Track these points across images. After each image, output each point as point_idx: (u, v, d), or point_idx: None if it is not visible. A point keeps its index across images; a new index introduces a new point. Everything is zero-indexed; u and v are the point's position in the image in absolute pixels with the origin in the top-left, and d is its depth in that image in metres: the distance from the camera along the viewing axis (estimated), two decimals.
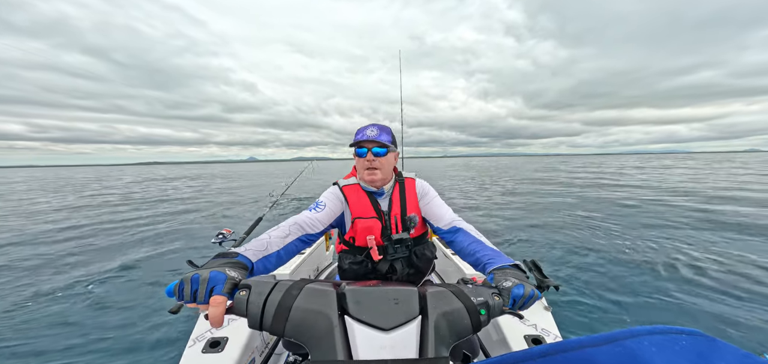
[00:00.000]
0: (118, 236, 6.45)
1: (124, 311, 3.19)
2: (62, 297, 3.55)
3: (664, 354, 0.27)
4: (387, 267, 1.27)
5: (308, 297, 0.65)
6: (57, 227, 7.43)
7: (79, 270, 4.42)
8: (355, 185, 1.33)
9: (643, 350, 0.27)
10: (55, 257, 5.09)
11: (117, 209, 10.37)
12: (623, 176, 20.33)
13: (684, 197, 10.31)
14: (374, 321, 0.62)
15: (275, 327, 0.62)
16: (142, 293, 3.67)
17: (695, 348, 0.28)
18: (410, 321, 0.64)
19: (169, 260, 4.94)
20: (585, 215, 7.97)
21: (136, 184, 18.01)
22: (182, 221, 8.11)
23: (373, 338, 0.60)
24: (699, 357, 0.27)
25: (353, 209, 1.29)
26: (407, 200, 1.33)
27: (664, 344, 0.28)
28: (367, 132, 1.25)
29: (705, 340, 0.29)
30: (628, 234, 5.95)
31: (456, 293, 0.71)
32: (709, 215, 7.43)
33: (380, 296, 0.67)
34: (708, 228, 6.21)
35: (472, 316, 0.68)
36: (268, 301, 0.64)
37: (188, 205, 11.21)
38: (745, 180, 16.27)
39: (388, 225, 1.28)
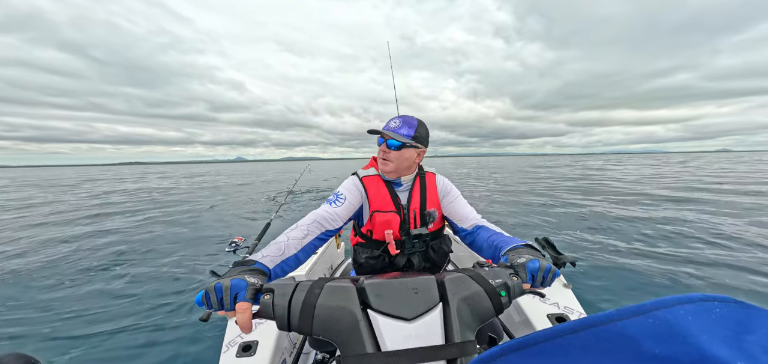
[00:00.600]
0: (120, 245, 6.58)
1: (150, 320, 3.28)
2: (79, 314, 3.65)
3: (700, 323, 0.26)
4: (404, 261, 1.27)
5: (330, 295, 0.66)
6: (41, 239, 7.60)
7: (95, 282, 4.54)
8: (376, 176, 1.30)
9: (677, 320, 0.26)
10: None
11: (116, 212, 10.58)
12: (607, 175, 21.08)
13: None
14: (397, 312, 0.63)
15: (303, 326, 0.63)
16: (168, 301, 3.76)
17: (731, 315, 0.27)
18: (432, 309, 0.65)
19: (184, 267, 5.04)
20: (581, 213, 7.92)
21: (138, 187, 17.92)
22: (186, 224, 8.24)
23: (398, 329, 0.61)
24: (737, 324, 0.26)
25: (373, 201, 1.26)
26: (427, 195, 1.30)
27: (699, 313, 0.27)
28: (390, 123, 1.23)
29: (739, 306, 0.28)
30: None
31: (474, 277, 0.72)
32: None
33: (399, 287, 0.68)
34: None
35: (492, 298, 0.68)
36: (293, 301, 0.65)
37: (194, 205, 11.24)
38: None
39: (407, 219, 1.26)
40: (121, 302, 3.91)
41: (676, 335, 0.25)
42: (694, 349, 0.24)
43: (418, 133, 1.23)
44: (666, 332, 0.26)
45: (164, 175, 31.96)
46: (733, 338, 0.24)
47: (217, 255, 5.63)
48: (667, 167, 30.12)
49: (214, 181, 25.20)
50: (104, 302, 3.95)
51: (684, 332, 0.25)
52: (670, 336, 0.25)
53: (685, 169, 27.16)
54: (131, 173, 48.66)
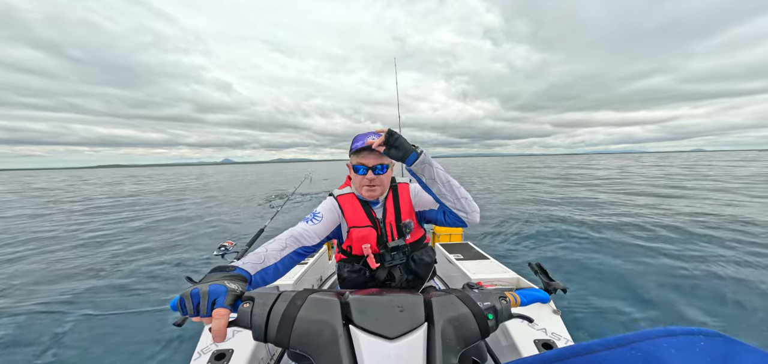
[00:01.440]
0: (114, 245, 6.46)
1: (126, 324, 3.17)
2: (54, 312, 3.53)
3: (683, 357, 0.25)
4: (385, 274, 1.27)
5: (312, 307, 0.64)
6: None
7: (75, 282, 4.42)
8: (350, 195, 1.33)
9: (660, 353, 0.26)
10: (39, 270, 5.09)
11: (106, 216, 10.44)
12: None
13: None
14: (379, 330, 0.61)
15: (280, 338, 0.61)
16: (142, 302, 3.65)
17: (715, 350, 0.27)
18: (416, 329, 0.62)
19: (166, 268, 4.93)
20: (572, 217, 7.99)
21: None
22: (173, 228, 8.13)
23: (378, 347, 0.58)
24: (719, 359, 0.25)
25: (348, 218, 1.28)
26: (401, 206, 1.32)
27: (683, 346, 0.27)
28: (368, 139, 1.15)
29: (724, 341, 0.28)
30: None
31: (462, 299, 0.70)
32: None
33: (385, 304, 0.66)
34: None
35: (479, 321, 0.67)
36: (272, 312, 0.63)
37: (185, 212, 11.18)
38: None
39: (384, 233, 1.28)
40: (95, 301, 3.80)
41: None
42: None
43: None
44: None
45: (149, 179, 31.33)
46: None
47: (206, 258, 5.53)
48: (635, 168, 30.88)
49: (202, 185, 24.70)
50: (76, 300, 3.83)
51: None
52: None
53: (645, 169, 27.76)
54: (111, 176, 47.13)
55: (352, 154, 1.22)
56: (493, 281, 1.94)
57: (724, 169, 23.70)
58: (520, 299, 0.82)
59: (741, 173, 19.97)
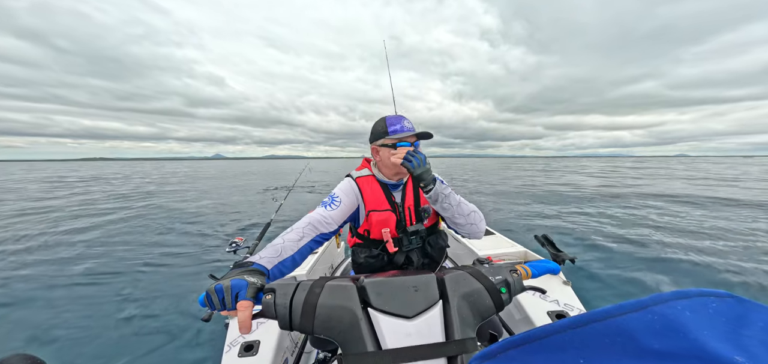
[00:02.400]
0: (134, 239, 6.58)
1: (151, 321, 3.28)
2: (80, 316, 3.65)
3: (698, 317, 0.26)
4: (403, 259, 1.28)
5: (331, 294, 0.67)
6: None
7: (103, 281, 4.54)
8: (369, 177, 1.31)
9: (676, 315, 0.27)
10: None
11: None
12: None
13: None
14: (397, 310, 0.63)
15: (304, 325, 0.64)
16: (168, 301, 3.77)
17: (727, 309, 0.27)
18: (432, 307, 0.65)
19: (184, 267, 5.04)
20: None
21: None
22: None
23: (398, 327, 0.61)
24: (733, 319, 0.26)
25: (368, 201, 1.28)
26: (421, 192, 1.30)
27: (696, 308, 0.28)
28: (406, 124, 1.22)
29: (735, 301, 0.29)
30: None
31: (474, 275, 0.72)
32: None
33: (399, 285, 0.68)
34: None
35: (493, 295, 0.69)
36: (294, 301, 0.66)
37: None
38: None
39: (403, 217, 1.28)
40: (122, 304, 3.91)
41: (675, 330, 0.25)
42: (692, 344, 0.24)
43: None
44: (664, 326, 0.26)
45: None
46: (729, 332, 0.25)
47: (217, 255, 5.63)
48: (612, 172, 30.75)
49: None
50: (104, 304, 3.95)
51: (682, 326, 0.25)
52: (668, 331, 0.26)
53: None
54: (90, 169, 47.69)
55: (390, 134, 1.20)
56: (501, 256, 1.96)
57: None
58: (531, 272, 0.84)
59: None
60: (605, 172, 27.84)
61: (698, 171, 27.34)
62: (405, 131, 1.20)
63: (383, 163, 1.27)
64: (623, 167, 38.30)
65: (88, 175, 31.13)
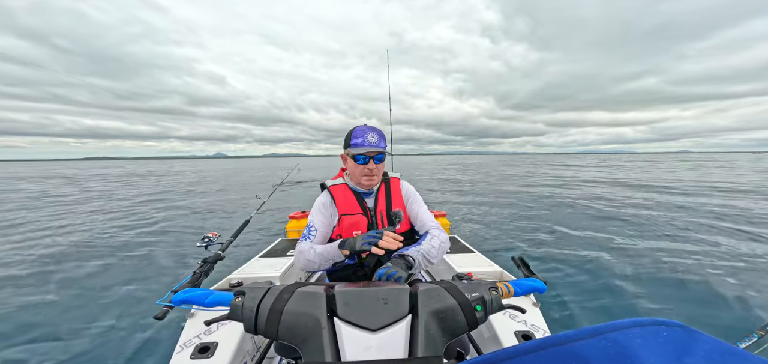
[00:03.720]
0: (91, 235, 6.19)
1: (101, 315, 3.07)
2: (30, 300, 3.37)
3: (647, 345, 0.28)
4: (374, 261, 1.31)
5: (299, 300, 0.65)
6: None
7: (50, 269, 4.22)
8: (343, 185, 1.39)
9: (628, 342, 0.28)
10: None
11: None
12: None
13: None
14: (362, 322, 0.62)
15: (268, 330, 0.62)
16: (122, 296, 3.54)
17: (676, 339, 0.29)
18: (399, 321, 0.63)
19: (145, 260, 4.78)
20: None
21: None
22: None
23: (360, 339, 0.60)
24: (680, 348, 0.28)
25: (340, 206, 1.35)
26: (393, 198, 1.39)
27: (647, 336, 0.29)
28: (368, 138, 1.24)
29: (683, 331, 0.31)
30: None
31: (449, 290, 0.70)
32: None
33: (369, 296, 0.67)
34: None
35: (466, 313, 0.67)
36: (262, 305, 0.64)
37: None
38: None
39: (374, 221, 1.34)
40: (74, 299, 3.65)
41: (626, 357, 0.26)
42: None
43: (385, 139, 1.35)
44: (617, 353, 0.27)
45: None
46: (673, 359, 0.26)
47: (186, 249, 5.39)
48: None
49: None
50: (55, 301, 3.68)
51: (632, 354, 0.27)
52: (620, 358, 0.27)
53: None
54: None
55: (352, 146, 1.26)
56: (477, 275, 1.99)
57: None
58: (514, 289, 0.82)
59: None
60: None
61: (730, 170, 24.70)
62: (365, 146, 1.23)
63: (350, 171, 1.35)
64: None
65: (143, 172, 30.30)
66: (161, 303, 0.68)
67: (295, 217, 4.01)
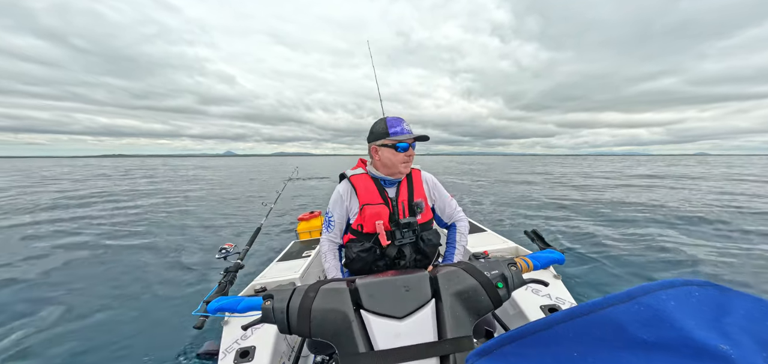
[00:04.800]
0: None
1: (143, 326, 3.17)
2: (67, 325, 3.49)
3: (682, 307, 0.27)
4: (395, 252, 1.30)
5: (325, 297, 0.67)
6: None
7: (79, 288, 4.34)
8: (363, 175, 1.40)
9: (661, 305, 0.28)
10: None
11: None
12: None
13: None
14: (388, 311, 0.63)
15: (301, 329, 0.64)
16: (158, 308, 3.64)
17: (710, 298, 0.29)
18: (424, 306, 0.64)
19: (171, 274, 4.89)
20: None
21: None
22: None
23: (389, 328, 0.61)
24: (715, 307, 0.28)
25: (361, 196, 1.35)
26: (414, 188, 1.39)
27: (680, 297, 0.29)
28: (406, 126, 1.32)
29: (716, 290, 0.30)
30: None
31: (468, 270, 0.70)
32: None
33: (391, 285, 0.68)
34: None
35: (489, 291, 0.67)
36: (291, 305, 0.66)
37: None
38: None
39: (396, 210, 1.33)
40: (116, 309, 3.76)
41: (661, 320, 0.26)
42: (678, 333, 0.25)
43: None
44: (651, 317, 0.27)
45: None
46: (713, 320, 0.26)
47: (208, 261, 5.49)
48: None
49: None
50: (93, 310, 3.80)
51: (668, 316, 0.26)
52: (655, 321, 0.27)
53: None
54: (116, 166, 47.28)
55: (391, 135, 1.31)
56: (493, 253, 1.99)
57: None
58: (533, 263, 0.80)
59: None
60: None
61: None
62: (404, 133, 1.30)
63: (382, 162, 1.35)
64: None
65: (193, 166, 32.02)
66: (197, 314, 0.71)
67: (304, 218, 4.04)
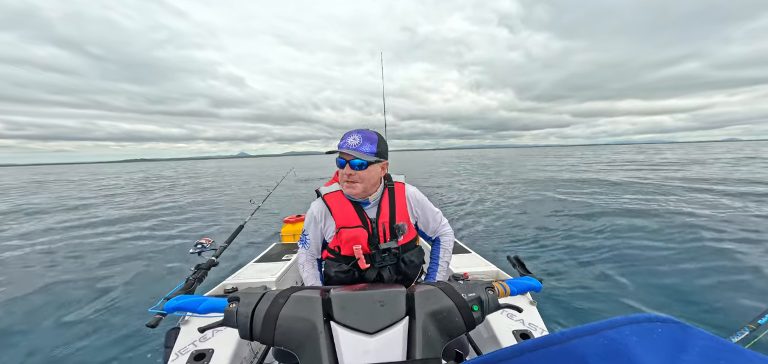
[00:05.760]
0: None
1: (97, 324, 2.99)
2: (27, 311, 3.28)
3: (643, 342, 0.28)
4: (375, 275, 1.25)
5: (295, 305, 0.64)
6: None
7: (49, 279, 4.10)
8: (338, 192, 1.27)
9: (624, 339, 0.28)
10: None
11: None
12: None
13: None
14: (359, 325, 0.61)
15: (264, 336, 0.61)
16: (120, 301, 3.46)
17: (671, 335, 0.29)
18: (396, 323, 0.63)
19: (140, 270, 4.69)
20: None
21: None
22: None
23: (357, 343, 0.59)
24: (675, 343, 0.28)
25: (337, 217, 1.23)
26: (396, 208, 1.27)
27: (643, 333, 0.29)
28: (349, 140, 1.14)
29: (678, 326, 0.31)
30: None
31: (446, 291, 0.70)
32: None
33: (366, 299, 0.66)
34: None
35: (463, 313, 0.66)
36: (257, 310, 0.63)
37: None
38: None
39: (376, 233, 1.23)
40: (66, 306, 3.57)
41: (621, 355, 0.27)
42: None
43: (380, 148, 1.18)
44: (613, 351, 0.27)
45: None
46: (669, 356, 0.27)
47: (181, 256, 5.30)
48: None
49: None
50: (45, 306, 3.59)
51: (628, 352, 0.27)
52: (616, 356, 0.27)
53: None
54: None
55: (334, 151, 1.19)
56: (473, 275, 2.00)
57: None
58: (510, 289, 0.81)
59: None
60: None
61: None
62: (342, 147, 1.13)
63: (341, 180, 1.22)
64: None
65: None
66: (154, 311, 0.67)
67: (290, 221, 3.97)
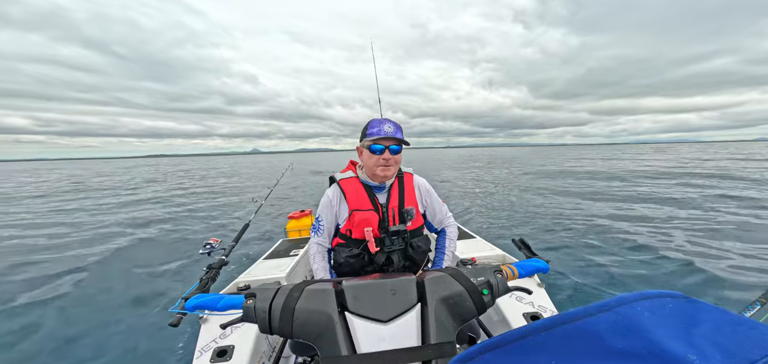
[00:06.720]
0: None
1: (116, 322, 3.07)
2: (38, 310, 3.36)
3: (655, 317, 0.29)
4: (384, 259, 1.29)
5: (309, 298, 0.66)
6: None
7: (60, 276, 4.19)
8: (353, 179, 1.37)
9: (636, 315, 0.29)
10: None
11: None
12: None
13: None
14: (373, 314, 0.63)
15: (283, 329, 0.63)
16: (134, 303, 3.54)
17: (681, 310, 0.30)
18: (409, 310, 0.65)
19: (153, 270, 4.76)
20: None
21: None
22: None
23: (372, 331, 0.61)
24: (686, 318, 0.29)
25: (351, 201, 1.32)
26: (405, 194, 1.37)
27: (654, 308, 0.30)
28: (385, 128, 1.23)
29: (687, 302, 0.32)
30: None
31: (455, 276, 0.71)
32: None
33: (377, 288, 0.68)
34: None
35: (474, 297, 0.68)
36: (273, 305, 0.65)
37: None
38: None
39: (386, 217, 1.31)
40: (85, 306, 3.64)
41: (635, 330, 0.28)
42: (649, 343, 0.26)
43: (404, 135, 1.30)
44: (626, 327, 0.28)
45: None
46: (682, 331, 0.27)
47: (191, 257, 5.37)
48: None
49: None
50: (64, 306, 3.66)
51: (641, 327, 0.28)
52: (630, 331, 0.28)
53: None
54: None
55: (368, 136, 1.25)
56: (480, 260, 2.02)
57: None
58: (518, 272, 0.83)
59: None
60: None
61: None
62: (381, 135, 1.22)
63: (364, 163, 1.32)
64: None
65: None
66: (174, 311, 0.69)
67: (294, 217, 4.00)
